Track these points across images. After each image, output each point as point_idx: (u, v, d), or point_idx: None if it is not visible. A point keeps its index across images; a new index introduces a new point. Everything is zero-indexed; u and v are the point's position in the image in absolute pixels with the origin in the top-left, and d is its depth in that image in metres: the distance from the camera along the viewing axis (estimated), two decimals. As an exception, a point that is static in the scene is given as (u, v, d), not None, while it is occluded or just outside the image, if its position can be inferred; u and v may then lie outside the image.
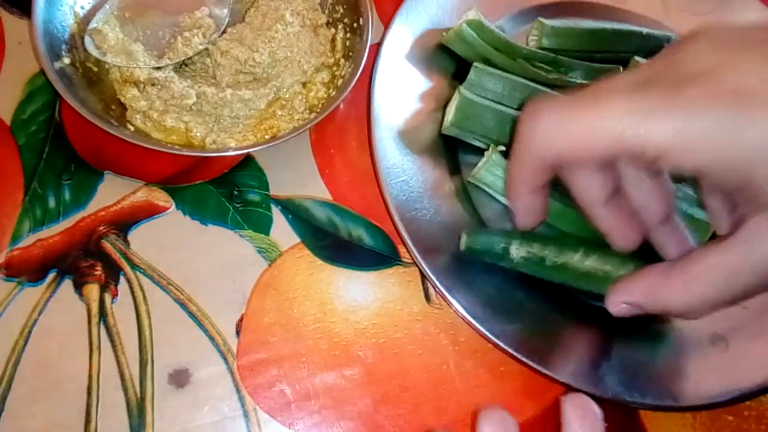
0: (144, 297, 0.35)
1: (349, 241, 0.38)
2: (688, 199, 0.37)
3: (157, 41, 0.39)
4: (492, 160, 0.37)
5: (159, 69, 0.38)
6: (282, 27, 0.39)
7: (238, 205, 0.38)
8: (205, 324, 0.35)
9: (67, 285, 0.35)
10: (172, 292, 0.35)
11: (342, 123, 0.41)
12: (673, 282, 0.28)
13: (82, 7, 0.39)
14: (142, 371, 0.33)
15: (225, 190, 0.38)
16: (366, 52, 0.38)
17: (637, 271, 0.30)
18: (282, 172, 0.39)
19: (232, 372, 0.34)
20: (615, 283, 0.31)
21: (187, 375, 0.34)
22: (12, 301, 0.34)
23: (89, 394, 0.33)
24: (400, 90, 0.39)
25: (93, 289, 0.35)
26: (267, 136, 0.39)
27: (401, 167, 0.37)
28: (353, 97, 0.40)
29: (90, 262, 0.36)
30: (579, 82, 0.41)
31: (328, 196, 0.39)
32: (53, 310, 0.34)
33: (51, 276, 0.35)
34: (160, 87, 0.38)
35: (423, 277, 0.37)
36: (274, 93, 0.39)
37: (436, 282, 0.34)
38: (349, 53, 0.40)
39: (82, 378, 0.33)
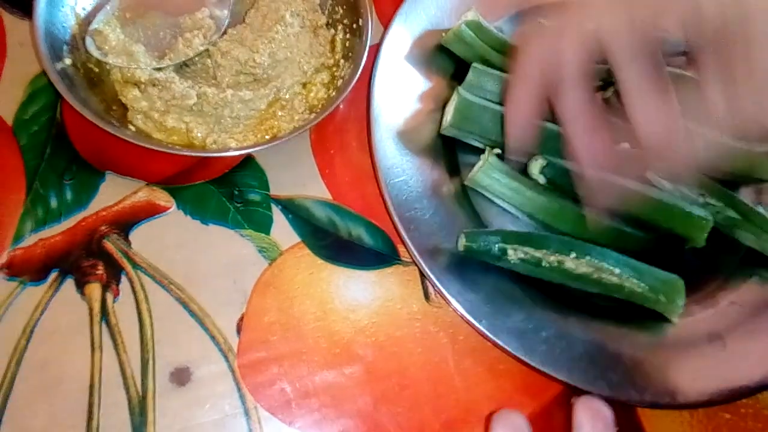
0: (145, 296, 0.35)
1: (349, 241, 0.38)
2: (684, 198, 0.37)
3: (158, 42, 0.39)
4: (489, 163, 0.37)
5: (160, 70, 0.38)
6: (282, 28, 0.39)
7: (238, 204, 0.38)
8: (206, 323, 0.35)
9: (69, 284, 0.35)
10: (173, 291, 0.36)
11: (342, 123, 0.41)
12: None
13: (84, 8, 0.39)
14: (144, 370, 0.34)
15: (226, 190, 0.39)
16: (365, 53, 0.38)
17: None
18: (282, 172, 0.39)
19: (232, 370, 0.34)
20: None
21: (188, 373, 0.34)
22: (14, 300, 0.34)
23: (91, 393, 0.33)
24: (400, 90, 0.40)
25: (95, 289, 0.35)
26: (267, 137, 0.39)
27: (401, 167, 0.37)
28: (353, 98, 0.40)
29: (91, 261, 0.36)
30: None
31: (328, 195, 0.39)
32: (55, 309, 0.35)
33: (53, 276, 0.35)
34: (161, 87, 0.38)
35: (422, 276, 0.37)
36: (275, 93, 0.39)
37: (435, 281, 0.34)
38: (349, 54, 0.41)
39: (83, 377, 0.33)
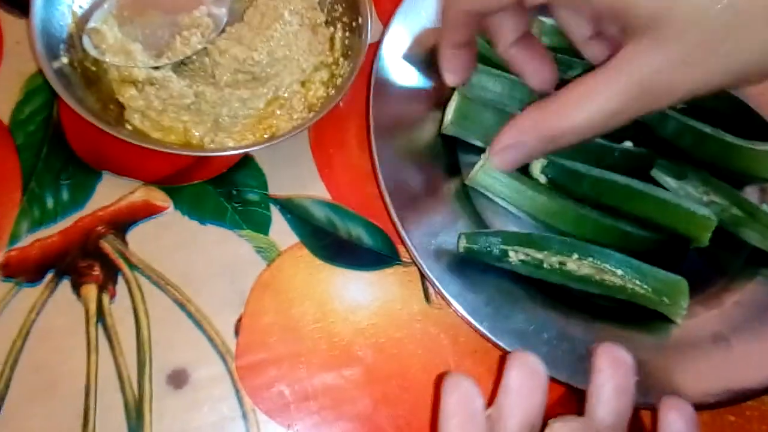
0: (142, 297, 0.35)
1: (348, 241, 0.38)
2: (688, 197, 0.37)
3: (156, 41, 0.39)
4: (489, 162, 0.37)
5: (157, 68, 0.38)
6: (281, 26, 0.39)
7: (236, 204, 0.38)
8: (204, 324, 0.35)
9: (65, 285, 0.35)
10: (170, 292, 0.35)
11: (341, 122, 0.41)
12: (557, 107, 0.30)
13: (81, 6, 0.38)
14: (141, 372, 0.33)
15: (224, 190, 0.38)
16: (365, 51, 0.38)
17: (516, 115, 0.32)
18: (281, 171, 0.39)
19: (230, 372, 0.34)
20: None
21: (186, 375, 0.34)
22: (10, 301, 0.34)
23: (87, 395, 0.33)
24: (400, 89, 0.39)
25: (91, 290, 0.35)
26: (266, 136, 0.39)
27: (401, 166, 0.37)
28: (352, 97, 0.40)
29: (88, 262, 0.36)
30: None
31: (327, 195, 0.39)
32: (51, 310, 0.34)
33: (49, 276, 0.35)
34: (158, 86, 0.38)
35: (423, 277, 0.37)
36: (273, 92, 0.39)
37: (435, 282, 0.34)
38: (348, 52, 0.40)
39: (80, 379, 0.33)
